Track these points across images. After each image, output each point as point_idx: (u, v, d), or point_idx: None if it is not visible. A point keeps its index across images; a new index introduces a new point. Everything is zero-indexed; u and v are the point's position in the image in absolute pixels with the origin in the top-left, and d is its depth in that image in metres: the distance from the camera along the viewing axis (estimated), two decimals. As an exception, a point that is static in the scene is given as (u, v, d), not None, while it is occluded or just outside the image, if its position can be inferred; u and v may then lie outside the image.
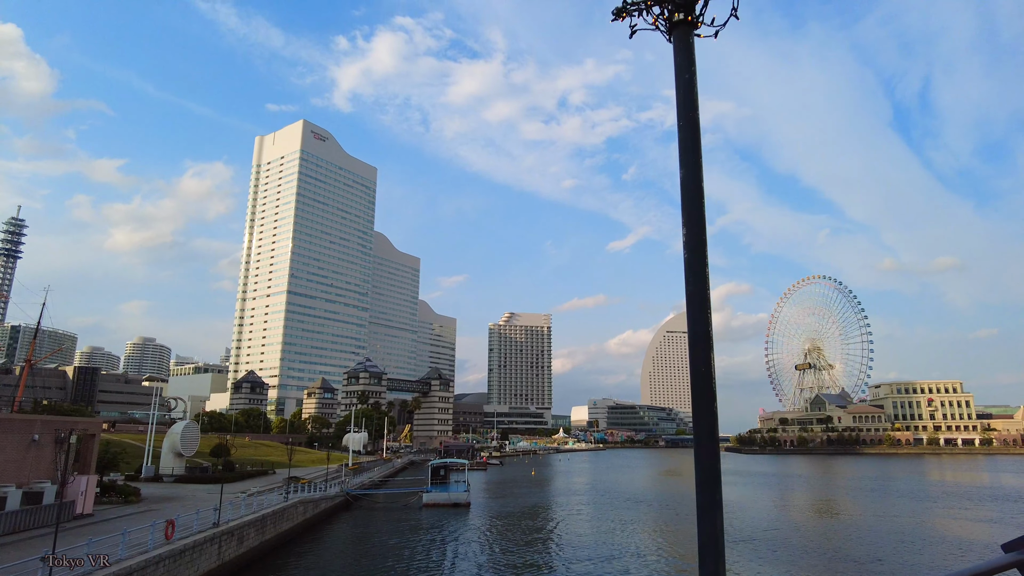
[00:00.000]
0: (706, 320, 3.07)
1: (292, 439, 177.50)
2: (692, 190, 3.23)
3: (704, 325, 3.05)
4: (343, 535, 54.29)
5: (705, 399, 3.15)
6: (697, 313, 3.07)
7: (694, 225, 3.21)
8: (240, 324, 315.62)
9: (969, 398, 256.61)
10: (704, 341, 3.03)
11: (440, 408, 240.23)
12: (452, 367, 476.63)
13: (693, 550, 47.60)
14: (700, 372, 3.11)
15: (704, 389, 3.11)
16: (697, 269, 3.14)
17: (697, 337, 3.04)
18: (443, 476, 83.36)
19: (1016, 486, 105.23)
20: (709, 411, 3.16)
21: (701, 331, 3.02)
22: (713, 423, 3.23)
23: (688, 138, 3.33)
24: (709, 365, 3.04)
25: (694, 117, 3.36)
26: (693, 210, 3.20)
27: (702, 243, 3.21)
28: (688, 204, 3.20)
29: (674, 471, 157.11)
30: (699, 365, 3.10)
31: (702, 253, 3.18)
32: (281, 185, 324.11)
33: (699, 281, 3.12)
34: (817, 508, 78.57)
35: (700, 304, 3.08)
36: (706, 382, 3.08)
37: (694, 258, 3.17)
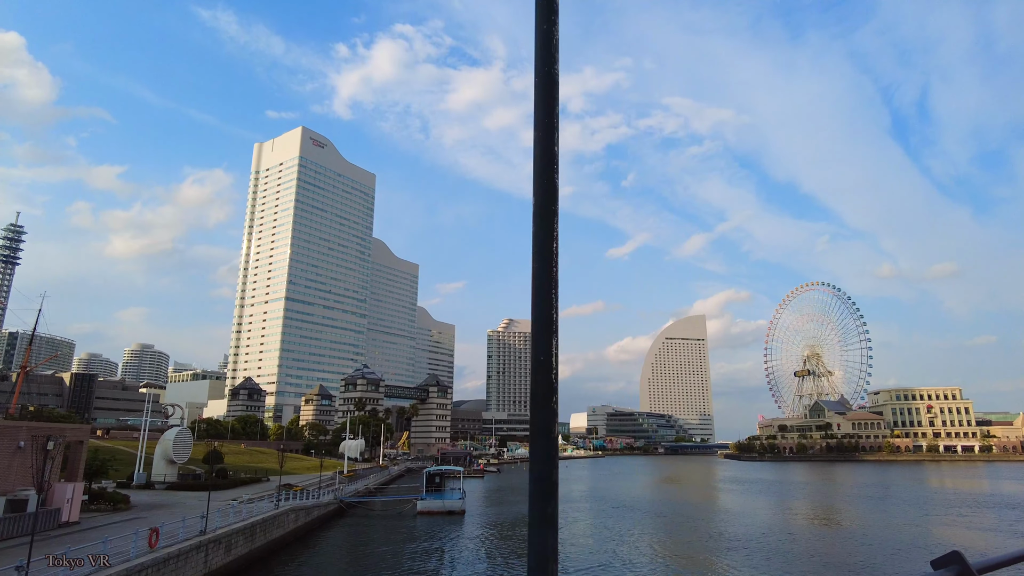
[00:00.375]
0: (551, 303, 2.66)
1: (288, 446, 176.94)
2: (544, 155, 2.76)
3: (548, 309, 2.65)
4: (336, 543, 53.83)
5: (543, 391, 2.61)
6: (543, 295, 2.67)
7: (543, 193, 2.71)
8: (238, 331, 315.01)
9: (968, 405, 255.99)
10: (547, 327, 2.62)
11: (438, 415, 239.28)
12: (451, 374, 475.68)
13: (687, 558, 47.23)
14: (540, 361, 2.64)
15: (543, 380, 2.61)
16: (543, 243, 2.69)
17: (541, 322, 2.64)
18: (438, 484, 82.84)
19: (1016, 493, 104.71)
20: (548, 405, 2.59)
21: (545, 316, 2.63)
22: (551, 420, 2.61)
23: (543, 97, 2.93)
24: (550, 354, 2.60)
25: (551, 73, 2.99)
26: (544, 178, 2.72)
27: (550, 214, 2.70)
28: (540, 170, 2.74)
29: (672, 478, 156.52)
30: (539, 353, 2.64)
31: (550, 226, 2.69)
32: (280, 192, 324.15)
33: (545, 259, 2.68)
34: (814, 516, 78.05)
35: (546, 285, 2.67)
36: (546, 372, 2.61)
37: (542, 233, 2.70)
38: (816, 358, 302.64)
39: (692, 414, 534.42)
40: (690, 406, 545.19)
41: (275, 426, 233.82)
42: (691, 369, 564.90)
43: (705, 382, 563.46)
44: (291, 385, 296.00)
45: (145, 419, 67.06)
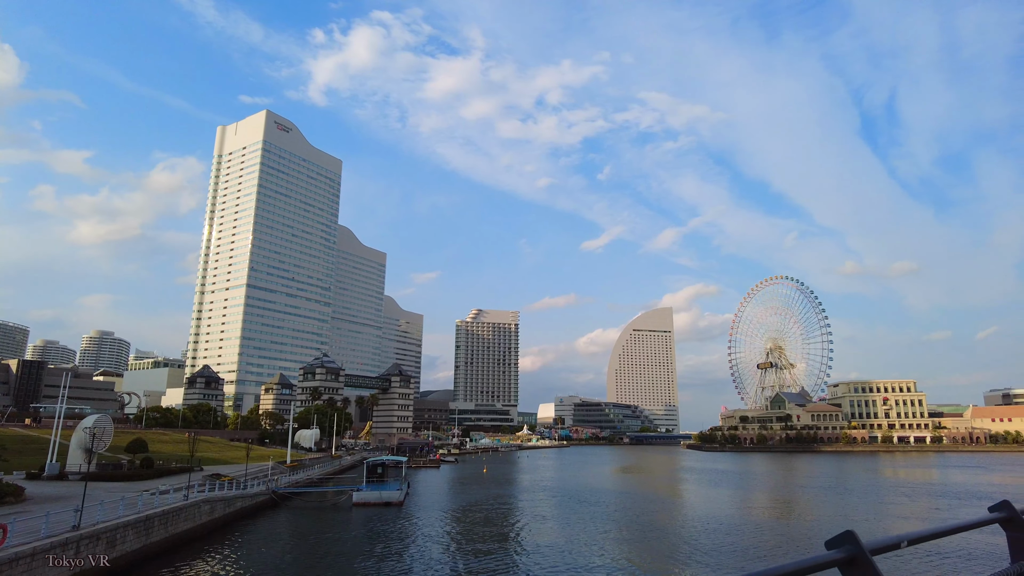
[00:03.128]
0: None
1: (244, 436, 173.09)
2: None
3: None
4: (254, 536, 51.42)
5: None
6: None
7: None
8: (198, 318, 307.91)
9: (922, 397, 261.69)
10: None
11: (400, 405, 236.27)
12: (418, 364, 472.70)
13: (623, 550, 45.84)
14: None
15: None
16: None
17: None
18: (380, 475, 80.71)
19: (962, 482, 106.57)
20: None
21: None
22: None
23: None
24: None
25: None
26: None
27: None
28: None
29: (631, 468, 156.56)
30: None
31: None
32: (242, 176, 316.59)
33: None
34: (761, 506, 77.80)
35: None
36: None
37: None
38: (779, 351, 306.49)
39: (658, 405, 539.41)
40: (656, 397, 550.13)
41: (234, 415, 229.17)
42: (657, 361, 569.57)
43: (671, 373, 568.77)
44: (252, 374, 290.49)
45: (60, 405, 63.51)
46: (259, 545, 47.92)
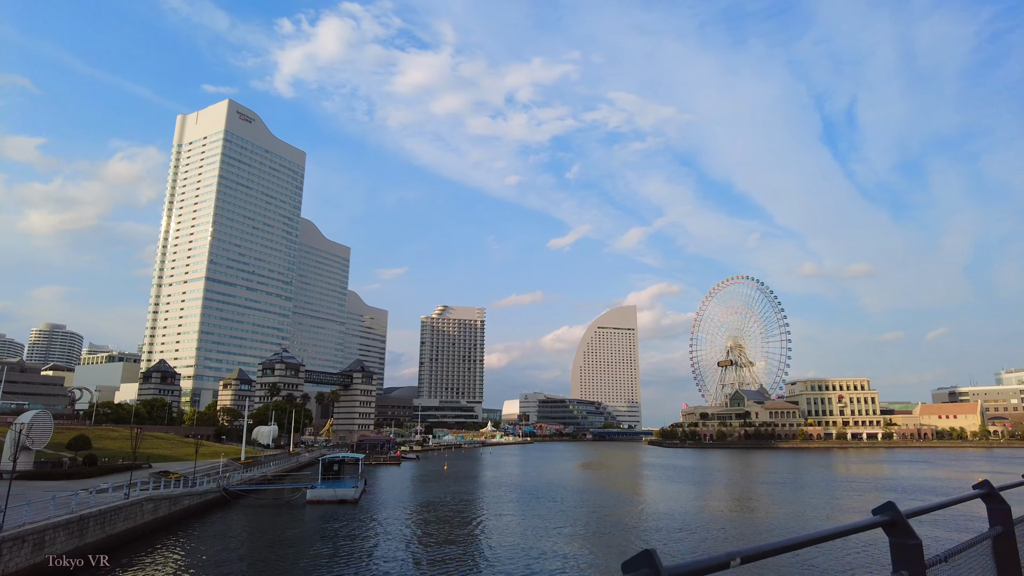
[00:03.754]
0: None
1: (200, 432, 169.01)
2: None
3: None
4: (201, 535, 49.93)
5: None
6: None
7: None
8: (155, 311, 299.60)
9: (875, 395, 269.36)
10: None
11: (362, 401, 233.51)
12: (382, 361, 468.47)
13: (576, 547, 45.73)
14: None
15: None
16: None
17: None
18: (336, 472, 79.54)
19: (909, 477, 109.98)
20: None
21: None
22: None
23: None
24: None
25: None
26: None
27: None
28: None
29: (593, 464, 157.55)
30: None
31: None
32: (203, 167, 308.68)
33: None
34: (721, 502, 78.82)
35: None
36: None
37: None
38: (739, 349, 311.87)
39: (621, 401, 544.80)
40: (619, 394, 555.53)
41: (190, 411, 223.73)
42: (621, 358, 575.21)
43: (634, 371, 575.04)
44: (210, 369, 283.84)
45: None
46: (206, 544, 46.52)
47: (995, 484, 6.09)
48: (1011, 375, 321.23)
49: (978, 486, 5.98)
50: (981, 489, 5.95)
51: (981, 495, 5.97)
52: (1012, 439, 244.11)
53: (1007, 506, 5.91)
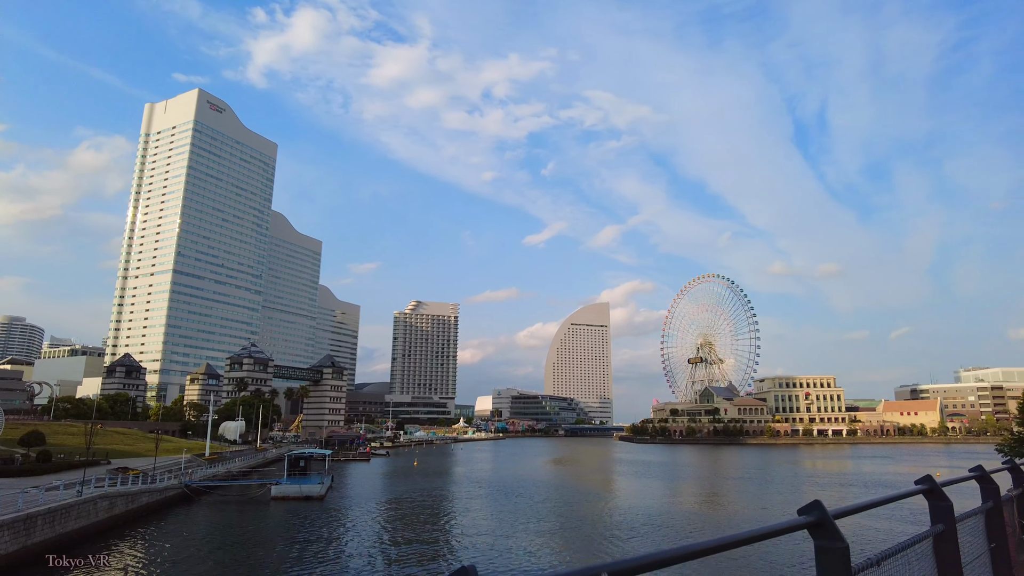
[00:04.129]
0: None
1: (165, 427, 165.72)
2: None
3: None
4: (159, 533, 48.83)
5: None
6: None
7: None
8: (120, 304, 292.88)
9: (840, 392, 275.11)
10: None
11: (332, 397, 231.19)
12: (354, 356, 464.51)
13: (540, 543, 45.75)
14: None
15: None
16: None
17: None
18: (303, 468, 78.58)
19: (872, 472, 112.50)
20: None
21: None
22: None
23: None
24: None
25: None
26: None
27: None
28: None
29: (564, 460, 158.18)
30: None
31: None
32: (171, 157, 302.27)
33: None
34: (687, 497, 79.66)
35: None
36: None
37: None
38: (709, 346, 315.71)
39: (593, 397, 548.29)
40: (591, 390, 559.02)
41: (156, 406, 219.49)
42: (594, 354, 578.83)
43: (607, 367, 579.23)
44: (177, 363, 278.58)
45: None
46: (164, 542, 45.53)
47: (940, 479, 5.87)
48: (969, 373, 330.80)
49: (920, 481, 5.78)
50: (923, 485, 5.74)
51: (922, 491, 5.74)
52: (968, 435, 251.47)
53: (949, 503, 5.70)
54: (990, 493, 7.64)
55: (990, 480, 7.75)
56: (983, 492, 7.65)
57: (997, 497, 7.72)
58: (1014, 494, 8.98)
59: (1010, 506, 8.73)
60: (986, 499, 7.61)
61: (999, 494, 7.78)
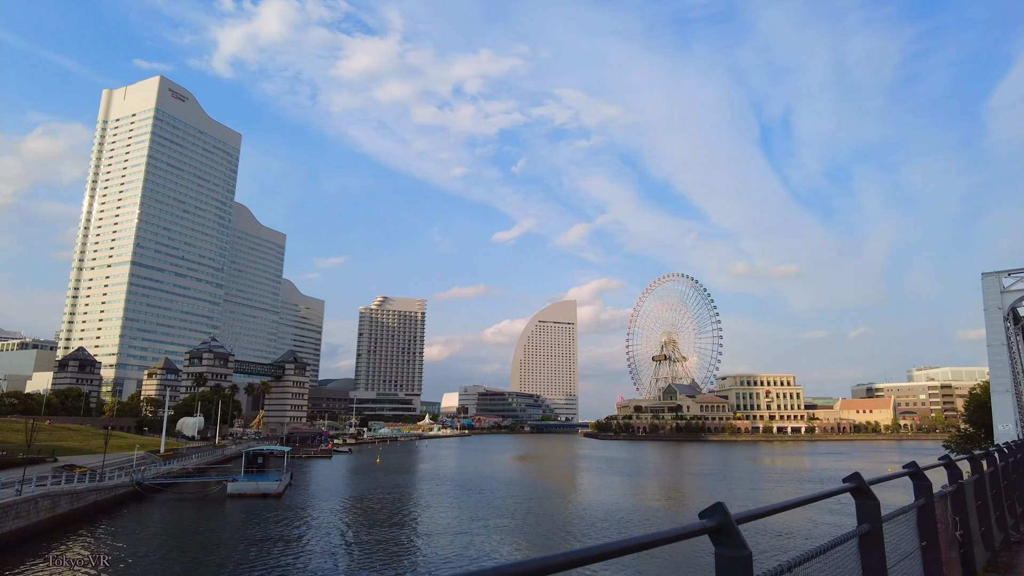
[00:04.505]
0: None
1: (119, 424, 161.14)
2: None
3: None
4: (106, 532, 47.26)
5: None
6: None
7: None
8: (75, 296, 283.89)
9: (799, 390, 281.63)
10: None
11: (294, 393, 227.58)
12: (318, 351, 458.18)
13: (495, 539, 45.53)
14: None
15: None
16: None
17: None
18: (261, 465, 77.15)
19: (829, 468, 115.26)
20: None
21: None
22: None
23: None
24: None
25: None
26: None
27: None
28: None
29: (529, 456, 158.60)
30: None
31: None
32: (131, 145, 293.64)
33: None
34: (647, 494, 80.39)
35: None
36: None
37: None
38: (673, 344, 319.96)
39: (559, 394, 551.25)
40: (558, 387, 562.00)
41: (111, 401, 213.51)
42: (560, 352, 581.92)
43: (573, 364, 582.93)
44: (134, 357, 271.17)
45: None
46: (110, 542, 44.06)
47: (869, 478, 5.68)
48: (921, 373, 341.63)
49: (848, 479, 5.57)
50: (850, 483, 5.54)
51: (849, 490, 5.54)
52: (919, 432, 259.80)
53: (876, 501, 5.51)
54: (923, 490, 7.66)
55: (923, 477, 7.70)
56: (916, 489, 7.67)
57: (929, 494, 7.75)
58: (949, 491, 8.99)
59: (944, 503, 8.75)
60: (919, 496, 7.62)
61: (932, 491, 7.76)
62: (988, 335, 33.68)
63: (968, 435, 74.51)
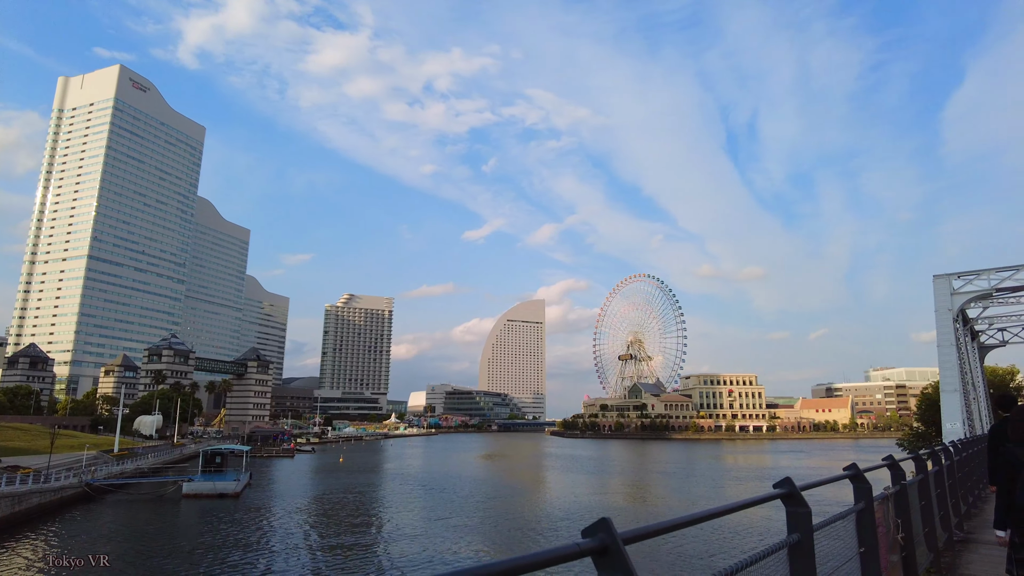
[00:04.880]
0: None
1: (73, 423, 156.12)
2: None
3: None
4: (48, 536, 45.51)
5: None
6: None
7: None
8: (27, 291, 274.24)
9: (761, 390, 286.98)
10: None
11: (257, 391, 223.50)
12: (282, 349, 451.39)
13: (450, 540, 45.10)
14: None
15: None
16: None
17: None
18: (219, 464, 75.44)
19: (789, 466, 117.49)
20: None
21: None
22: None
23: None
24: None
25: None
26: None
27: None
28: None
29: (495, 454, 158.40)
30: None
31: None
32: (88, 136, 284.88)
33: None
34: (610, 491, 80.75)
35: None
36: None
37: None
38: (639, 344, 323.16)
39: (527, 393, 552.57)
40: (525, 385, 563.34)
41: (65, 399, 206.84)
42: (528, 350, 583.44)
43: (541, 363, 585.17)
44: (91, 354, 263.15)
45: None
46: (55, 545, 42.48)
47: (800, 484, 5.23)
48: (877, 373, 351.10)
49: (779, 484, 5.11)
50: (781, 489, 5.07)
51: (780, 496, 5.06)
52: (875, 431, 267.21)
53: (807, 509, 5.06)
54: (862, 493, 7.35)
55: (863, 480, 7.33)
56: (856, 492, 7.34)
57: (869, 497, 7.49)
58: (891, 492, 8.82)
59: (885, 505, 8.54)
60: (858, 500, 7.30)
61: (871, 494, 7.46)
62: (939, 336, 34.54)
63: (920, 433, 76.70)
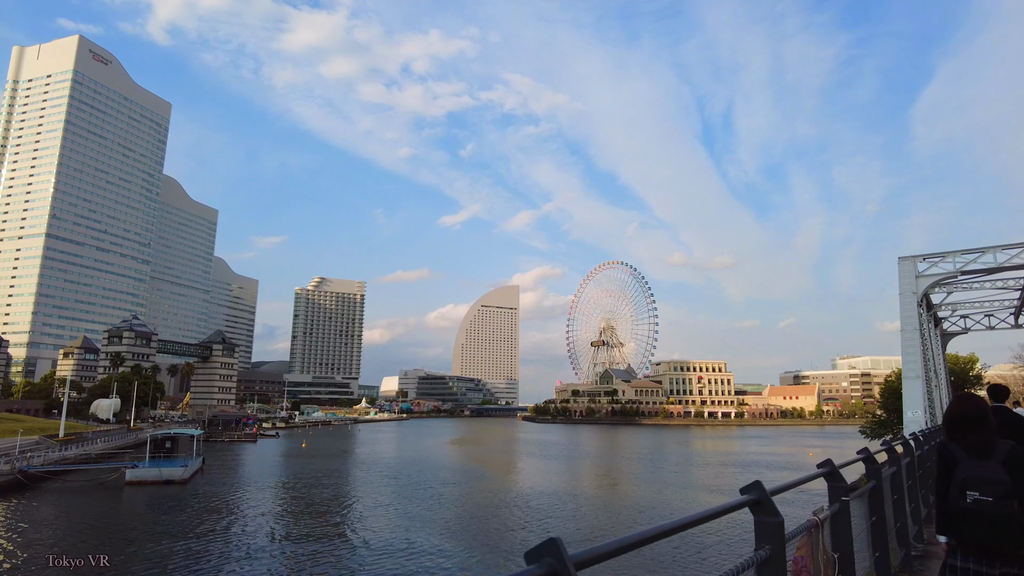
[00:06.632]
0: None
1: (25, 407, 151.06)
2: None
3: None
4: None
5: None
6: None
7: None
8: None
9: (730, 377, 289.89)
10: None
11: (222, 375, 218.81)
12: (251, 332, 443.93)
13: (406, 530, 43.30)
14: None
15: None
16: None
17: None
18: (169, 449, 72.57)
19: (756, 452, 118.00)
20: None
21: None
22: None
23: None
24: None
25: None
26: None
27: None
28: None
29: (465, 440, 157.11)
30: None
31: None
32: (44, 109, 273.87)
33: None
34: (580, 478, 79.68)
35: None
36: None
37: None
38: (611, 330, 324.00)
39: (500, 378, 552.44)
40: (499, 371, 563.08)
41: (21, 382, 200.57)
42: (502, 336, 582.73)
43: (515, 349, 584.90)
44: (50, 336, 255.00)
45: None
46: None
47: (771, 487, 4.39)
48: (843, 361, 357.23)
49: (747, 490, 4.35)
50: (750, 495, 4.31)
51: (748, 503, 4.28)
52: (840, 417, 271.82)
53: (779, 519, 4.26)
54: (838, 493, 6.54)
55: (839, 477, 6.49)
56: (831, 492, 6.55)
57: (845, 501, 6.81)
58: (867, 488, 8.21)
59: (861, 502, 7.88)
60: (833, 500, 6.49)
61: (848, 492, 6.71)
62: (902, 320, 33.42)
63: (882, 421, 76.80)
